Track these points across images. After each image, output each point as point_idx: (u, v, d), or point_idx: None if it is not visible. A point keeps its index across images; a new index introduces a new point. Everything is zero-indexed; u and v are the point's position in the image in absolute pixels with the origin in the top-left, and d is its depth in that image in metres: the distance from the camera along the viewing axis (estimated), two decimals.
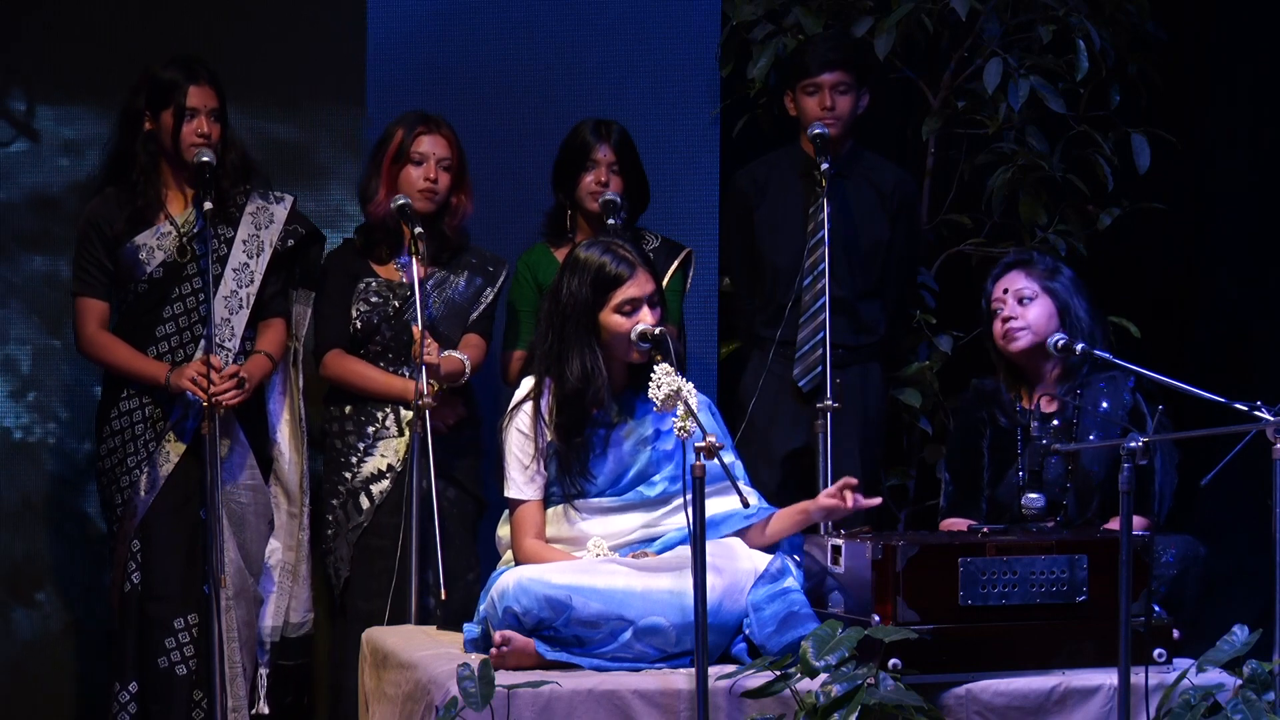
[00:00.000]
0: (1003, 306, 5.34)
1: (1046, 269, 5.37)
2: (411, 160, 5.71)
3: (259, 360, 5.62)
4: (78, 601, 6.11)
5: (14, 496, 6.13)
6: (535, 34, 6.31)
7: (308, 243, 5.76)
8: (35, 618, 6.14)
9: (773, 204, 6.05)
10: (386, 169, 5.72)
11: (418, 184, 5.69)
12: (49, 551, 6.14)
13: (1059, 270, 5.39)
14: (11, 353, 6.14)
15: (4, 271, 6.17)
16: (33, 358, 6.15)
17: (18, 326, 6.15)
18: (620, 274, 4.73)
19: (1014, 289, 5.33)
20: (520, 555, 4.75)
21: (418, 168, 5.71)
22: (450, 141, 5.74)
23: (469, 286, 5.79)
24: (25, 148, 6.17)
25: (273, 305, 5.70)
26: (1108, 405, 5.25)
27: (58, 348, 6.13)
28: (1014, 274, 5.37)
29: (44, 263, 6.14)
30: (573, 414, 4.74)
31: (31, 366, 6.16)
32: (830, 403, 5.58)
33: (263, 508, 5.65)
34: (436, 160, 5.71)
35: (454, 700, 4.16)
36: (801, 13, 6.32)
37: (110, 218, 5.58)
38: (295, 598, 5.73)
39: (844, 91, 5.94)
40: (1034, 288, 5.33)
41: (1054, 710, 4.41)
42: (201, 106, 5.54)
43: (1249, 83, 6.72)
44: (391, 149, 5.72)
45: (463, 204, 5.77)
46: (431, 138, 5.72)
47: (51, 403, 6.16)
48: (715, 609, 4.40)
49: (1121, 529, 4.31)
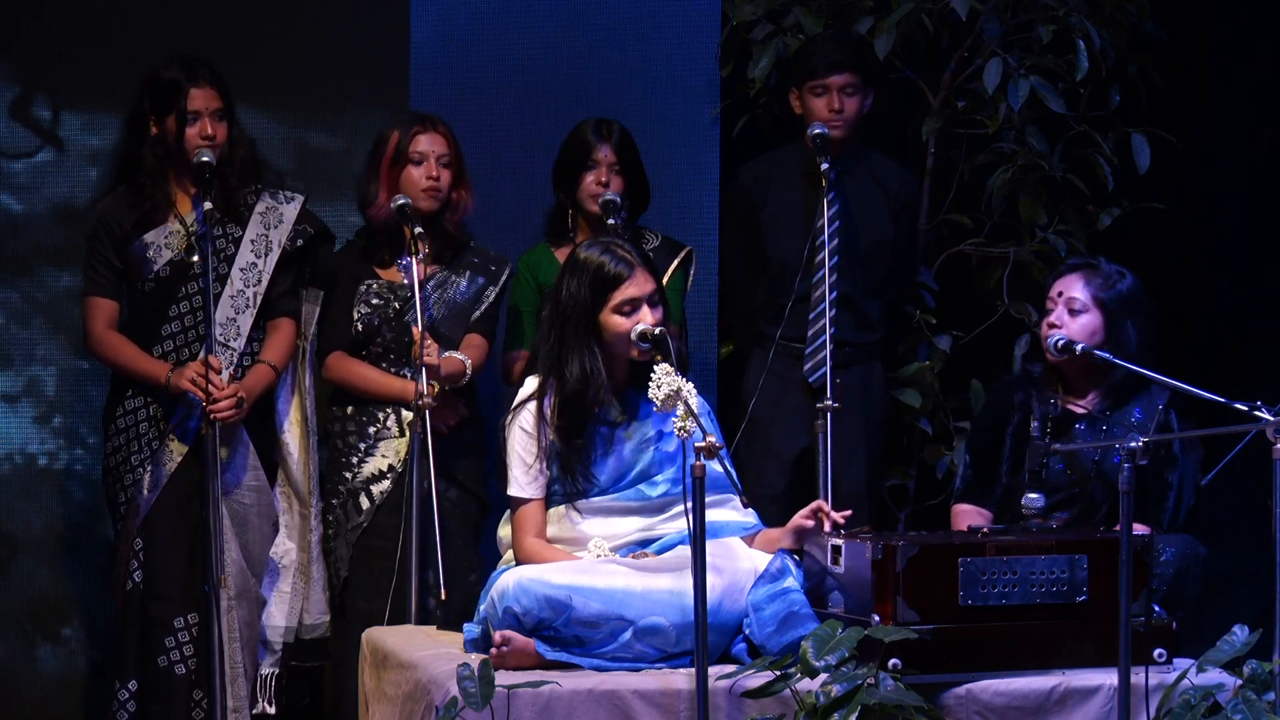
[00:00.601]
0: (1053, 308, 5.32)
1: (1106, 280, 5.31)
2: (411, 160, 5.71)
3: (261, 371, 5.60)
4: (103, 639, 6.02)
5: (39, 525, 6.08)
6: (535, 34, 6.31)
7: (317, 242, 5.75)
8: (61, 654, 6.08)
9: (776, 201, 6.05)
10: (385, 172, 5.72)
11: (420, 183, 5.69)
12: (74, 582, 6.10)
13: (1119, 284, 5.32)
14: (37, 374, 6.07)
15: (29, 288, 6.09)
16: (58, 380, 6.09)
17: (43, 346, 6.08)
18: (619, 274, 4.73)
19: (1068, 294, 5.29)
20: (521, 555, 4.76)
21: (418, 167, 5.71)
22: (448, 139, 5.75)
23: (471, 286, 5.79)
24: (50, 158, 6.12)
25: (281, 304, 5.68)
26: (1140, 415, 5.25)
27: (85, 370, 6.05)
28: (1074, 278, 5.32)
29: (70, 278, 6.05)
30: (574, 415, 4.74)
31: (57, 389, 6.10)
32: (830, 403, 5.58)
33: (266, 509, 5.64)
34: (436, 158, 5.71)
35: (454, 700, 4.16)
36: (801, 13, 6.32)
37: (120, 217, 5.58)
38: (308, 599, 5.72)
39: (851, 93, 5.94)
40: (1086, 299, 5.27)
41: (1054, 710, 4.41)
42: (204, 108, 5.54)
43: (1249, 83, 6.72)
44: (389, 151, 5.72)
45: (464, 200, 5.77)
46: (429, 136, 5.72)
47: (79, 428, 6.10)
48: (715, 609, 4.40)
49: (1122, 529, 4.32)
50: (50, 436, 6.09)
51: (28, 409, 6.07)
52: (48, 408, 6.08)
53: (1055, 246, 6.28)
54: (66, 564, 6.10)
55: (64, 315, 6.06)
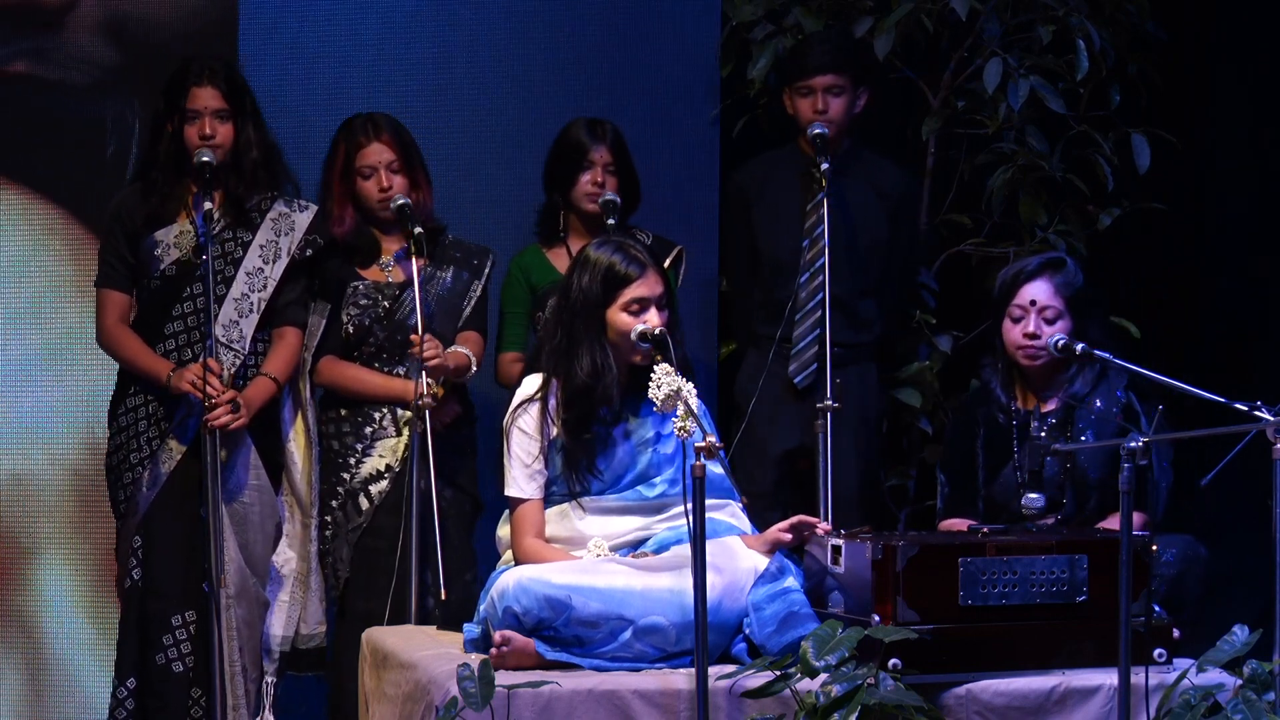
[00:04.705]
0: (1025, 316, 5.29)
1: (1066, 277, 5.30)
2: (361, 175, 5.68)
3: (262, 383, 5.58)
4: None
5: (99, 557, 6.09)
6: (535, 33, 6.31)
7: (326, 253, 5.73)
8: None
9: (771, 201, 6.05)
10: (338, 186, 5.70)
11: (374, 196, 5.66)
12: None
13: (1076, 278, 5.30)
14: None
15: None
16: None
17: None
18: (630, 273, 4.74)
19: (1040, 302, 5.27)
20: (520, 554, 4.76)
21: (369, 180, 5.68)
22: (391, 143, 5.68)
23: (456, 281, 5.77)
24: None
25: (287, 313, 5.65)
26: (1101, 404, 5.25)
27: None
28: (1041, 284, 5.28)
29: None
30: (581, 410, 4.74)
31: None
32: (830, 403, 5.58)
33: (268, 509, 5.63)
34: (385, 166, 5.67)
35: (454, 700, 4.17)
36: (801, 13, 6.32)
37: (133, 211, 5.59)
38: (306, 609, 5.72)
39: (837, 94, 5.94)
40: (1059, 304, 5.26)
41: (1054, 710, 4.41)
42: (204, 107, 5.53)
43: (1249, 83, 6.72)
44: (338, 166, 5.70)
45: (422, 199, 5.71)
46: (374, 147, 5.67)
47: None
48: (715, 608, 4.40)
49: (1122, 529, 4.32)
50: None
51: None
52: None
53: (1055, 246, 6.28)
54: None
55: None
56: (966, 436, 5.40)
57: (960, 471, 5.40)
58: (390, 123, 5.73)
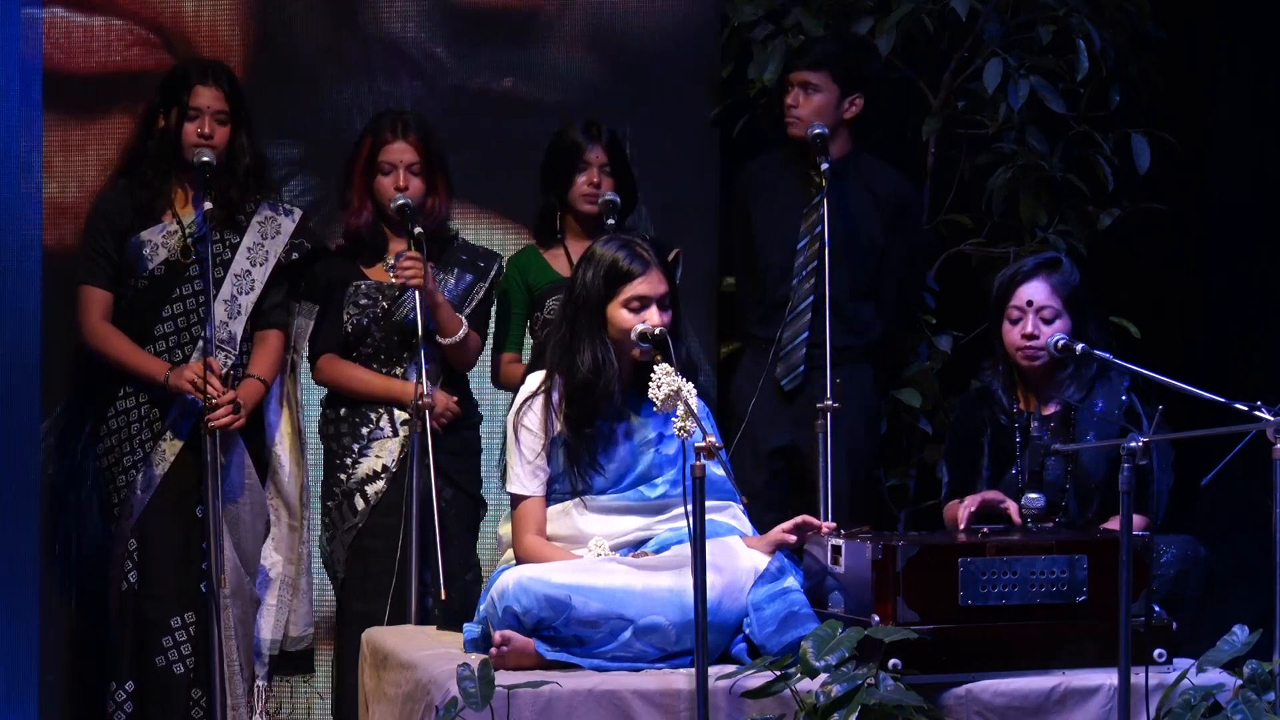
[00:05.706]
0: (1023, 317, 5.28)
1: (1063, 275, 5.29)
2: (381, 170, 5.68)
3: (251, 385, 5.60)
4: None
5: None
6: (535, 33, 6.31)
7: (312, 257, 5.74)
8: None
9: (768, 203, 6.05)
10: (359, 179, 5.70)
11: (390, 193, 5.67)
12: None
13: (1072, 276, 5.29)
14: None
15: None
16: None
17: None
18: (632, 270, 4.74)
19: (1038, 303, 5.26)
20: (521, 551, 4.76)
21: (387, 177, 5.68)
22: (417, 145, 5.68)
23: (459, 283, 5.78)
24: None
25: (272, 316, 5.68)
26: (1103, 405, 5.24)
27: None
28: (1039, 284, 5.25)
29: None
30: (583, 405, 4.74)
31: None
32: (830, 403, 5.58)
33: (259, 508, 5.64)
34: (406, 166, 5.67)
35: (454, 700, 4.16)
36: (802, 13, 6.32)
37: (120, 209, 5.58)
38: (294, 611, 5.72)
39: (812, 91, 5.92)
40: (1057, 304, 5.25)
41: (1054, 710, 4.41)
42: (206, 107, 5.54)
43: (1249, 83, 6.72)
44: (362, 158, 5.70)
45: (437, 206, 5.72)
46: (398, 144, 5.67)
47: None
48: (715, 608, 4.40)
49: (1122, 529, 4.32)
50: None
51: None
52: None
53: (1055, 246, 6.28)
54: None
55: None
56: (972, 429, 5.38)
57: (963, 465, 5.38)
58: (419, 124, 5.73)
